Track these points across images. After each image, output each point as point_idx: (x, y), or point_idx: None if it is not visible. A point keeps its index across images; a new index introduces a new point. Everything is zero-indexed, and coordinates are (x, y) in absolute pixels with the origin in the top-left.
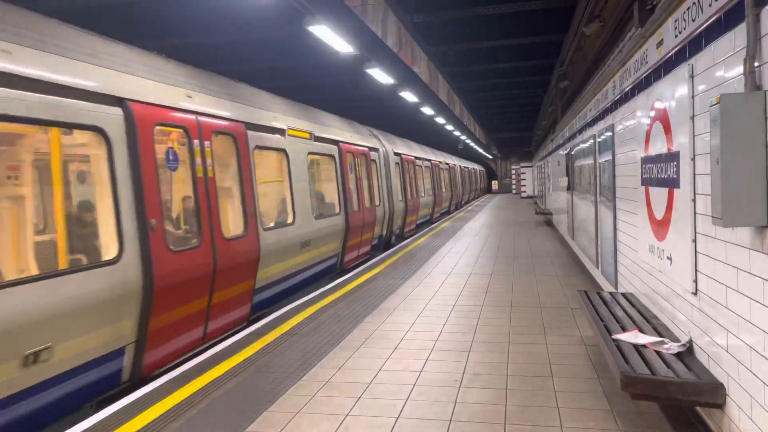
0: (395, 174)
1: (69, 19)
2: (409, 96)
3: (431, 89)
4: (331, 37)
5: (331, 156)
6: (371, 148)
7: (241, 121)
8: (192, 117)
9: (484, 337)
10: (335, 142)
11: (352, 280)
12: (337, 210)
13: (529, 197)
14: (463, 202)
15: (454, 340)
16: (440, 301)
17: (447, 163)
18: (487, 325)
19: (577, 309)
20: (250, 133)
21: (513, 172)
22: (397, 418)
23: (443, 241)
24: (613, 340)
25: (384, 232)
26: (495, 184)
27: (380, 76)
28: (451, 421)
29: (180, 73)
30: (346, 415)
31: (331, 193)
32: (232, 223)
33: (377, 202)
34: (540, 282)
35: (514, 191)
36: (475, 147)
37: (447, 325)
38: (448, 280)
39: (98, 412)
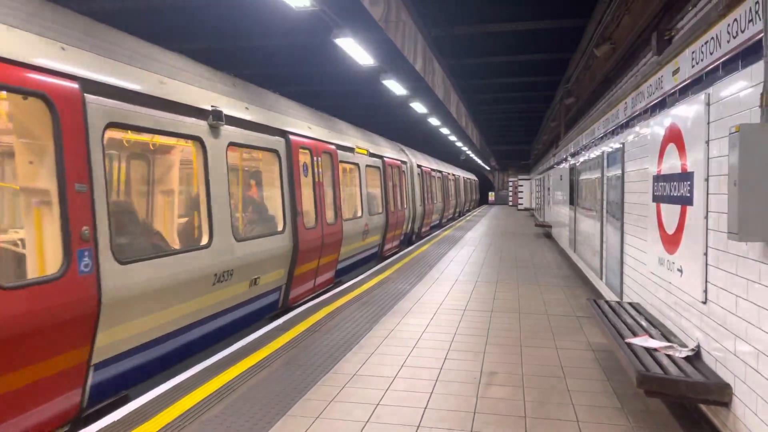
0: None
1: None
2: (419, 107)
3: (444, 102)
4: (355, 49)
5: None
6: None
7: (334, 143)
8: (312, 142)
9: (496, 340)
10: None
11: (360, 284)
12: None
13: (525, 209)
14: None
15: (469, 341)
16: (451, 306)
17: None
18: (498, 329)
19: (583, 317)
20: (339, 152)
21: (510, 184)
22: (425, 408)
23: (446, 249)
24: (626, 343)
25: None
26: (491, 196)
27: (395, 87)
28: (475, 412)
29: (305, 111)
30: (377, 405)
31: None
32: (328, 213)
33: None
34: (544, 291)
35: (510, 203)
36: (475, 158)
37: (460, 328)
38: (456, 287)
39: (145, 394)
